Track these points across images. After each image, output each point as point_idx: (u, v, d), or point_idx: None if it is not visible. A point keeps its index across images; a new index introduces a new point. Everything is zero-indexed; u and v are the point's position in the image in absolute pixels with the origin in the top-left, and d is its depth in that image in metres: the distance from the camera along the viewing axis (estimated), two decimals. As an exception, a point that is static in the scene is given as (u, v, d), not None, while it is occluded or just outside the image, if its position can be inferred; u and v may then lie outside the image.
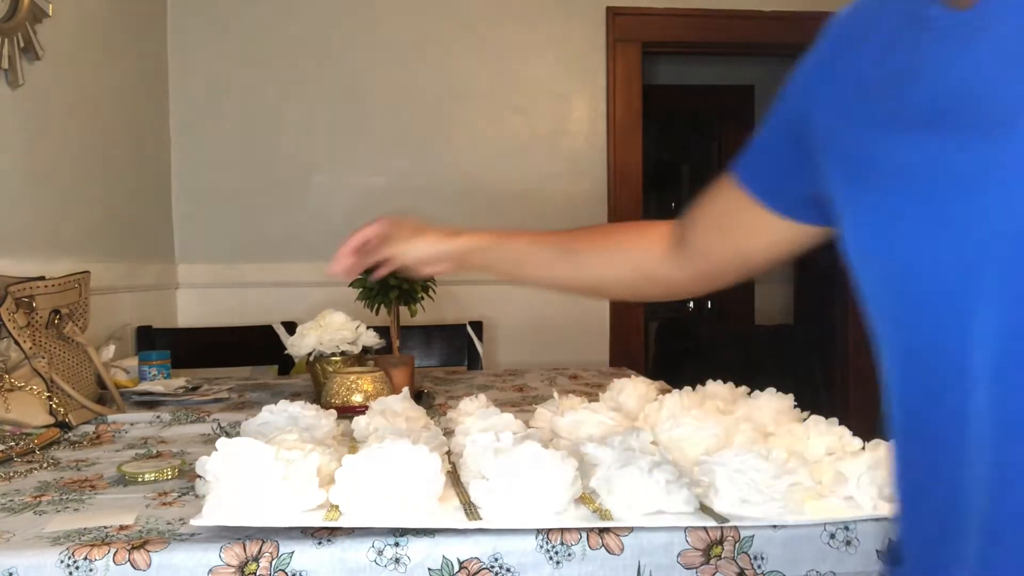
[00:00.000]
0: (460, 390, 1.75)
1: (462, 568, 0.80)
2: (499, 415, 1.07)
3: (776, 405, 1.12)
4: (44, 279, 1.49)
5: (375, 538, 0.80)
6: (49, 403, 1.37)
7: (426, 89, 2.85)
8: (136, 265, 2.45)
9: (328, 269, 1.05)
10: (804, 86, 0.69)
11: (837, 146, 0.62)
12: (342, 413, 1.24)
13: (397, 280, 1.58)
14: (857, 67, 0.62)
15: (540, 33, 2.88)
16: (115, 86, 2.35)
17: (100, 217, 2.24)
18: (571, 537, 0.81)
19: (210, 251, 2.80)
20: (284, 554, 0.79)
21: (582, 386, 1.81)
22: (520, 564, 0.81)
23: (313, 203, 2.83)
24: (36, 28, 1.83)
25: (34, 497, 0.98)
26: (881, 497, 0.85)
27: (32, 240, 1.89)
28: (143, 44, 2.61)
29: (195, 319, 2.76)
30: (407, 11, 2.85)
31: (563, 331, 2.86)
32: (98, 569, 0.76)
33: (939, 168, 0.51)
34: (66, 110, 2.05)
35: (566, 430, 1.09)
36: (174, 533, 0.82)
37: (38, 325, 1.44)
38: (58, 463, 1.16)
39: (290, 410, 1.13)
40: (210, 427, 1.40)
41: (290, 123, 2.81)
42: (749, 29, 2.98)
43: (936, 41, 0.53)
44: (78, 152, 2.12)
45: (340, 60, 2.82)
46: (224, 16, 2.78)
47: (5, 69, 1.74)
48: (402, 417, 1.15)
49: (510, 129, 2.88)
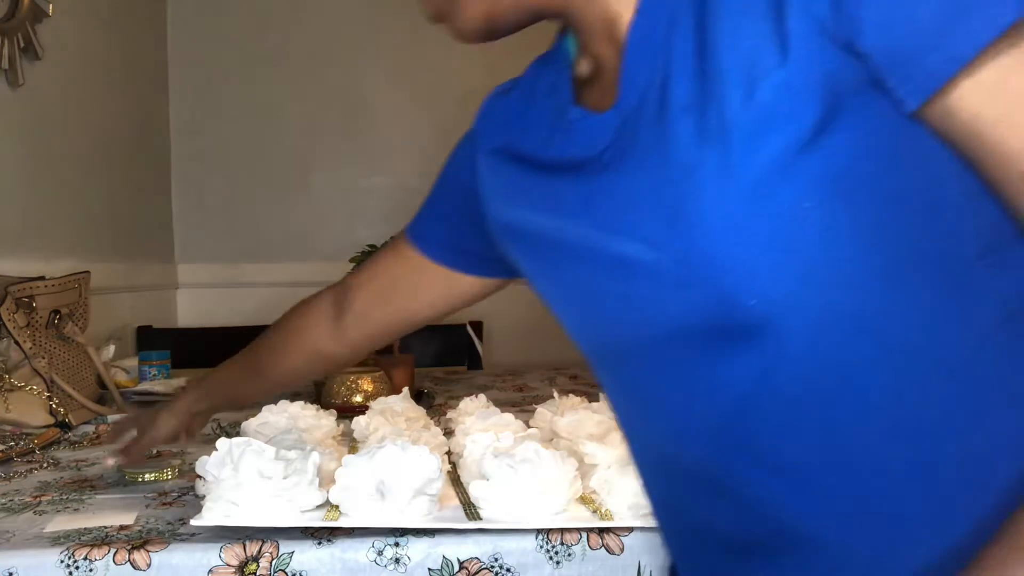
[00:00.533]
0: (460, 390, 1.75)
1: (462, 568, 0.80)
2: (499, 415, 1.07)
3: (776, 405, 1.12)
4: (44, 279, 1.49)
5: (375, 538, 0.80)
6: (49, 403, 1.37)
7: (426, 89, 2.85)
8: (136, 265, 2.45)
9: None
10: (461, 164, 0.79)
11: (503, 215, 0.68)
12: (342, 413, 1.24)
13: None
14: (514, 150, 0.67)
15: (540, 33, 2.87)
16: (115, 86, 2.35)
17: (100, 217, 2.24)
18: (571, 537, 0.81)
19: (210, 251, 2.80)
20: (284, 554, 0.79)
21: (582, 386, 1.81)
22: (520, 564, 0.81)
23: (313, 203, 2.83)
24: (36, 28, 1.83)
25: (34, 497, 0.98)
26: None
27: (32, 240, 1.88)
28: (143, 44, 2.61)
29: (195, 319, 2.76)
30: (407, 11, 2.85)
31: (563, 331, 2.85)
32: (98, 569, 0.76)
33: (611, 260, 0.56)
34: (66, 110, 2.05)
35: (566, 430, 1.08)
36: (174, 533, 0.82)
37: (38, 325, 1.44)
38: (58, 463, 1.16)
39: (290, 410, 1.13)
40: (210, 427, 1.40)
41: (290, 123, 2.81)
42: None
43: (602, 157, 0.56)
44: (78, 152, 2.12)
45: (340, 60, 2.82)
46: (224, 16, 2.78)
47: (5, 69, 1.74)
48: (402, 417, 1.15)
49: (510, 129, 2.88)
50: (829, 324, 0.47)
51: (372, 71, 2.83)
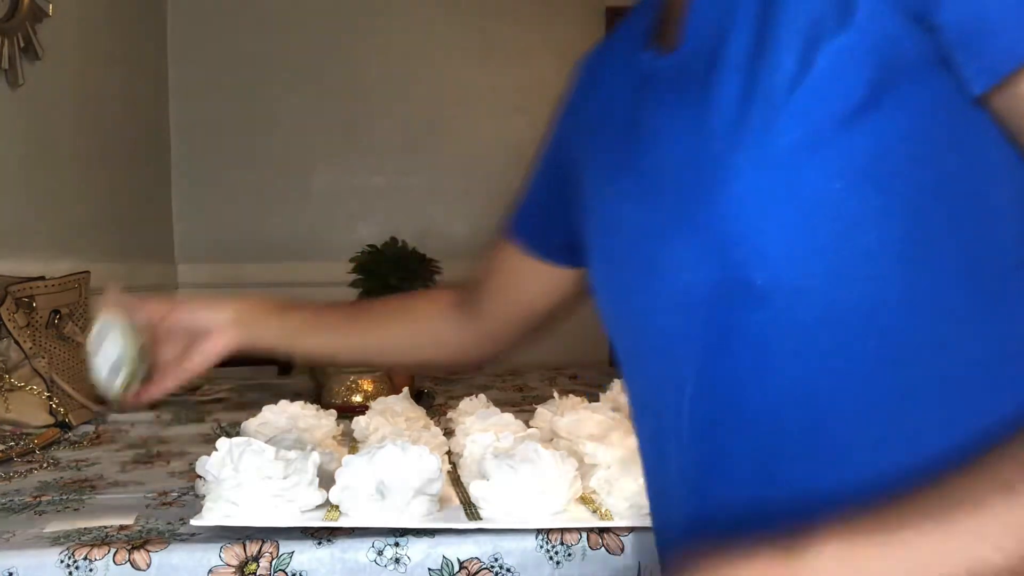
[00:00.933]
0: (460, 390, 1.75)
1: (462, 568, 0.80)
2: (499, 415, 1.07)
3: (776, 405, 1.12)
4: (44, 279, 1.49)
5: (375, 538, 0.80)
6: (49, 403, 1.37)
7: (426, 89, 2.85)
8: (136, 265, 2.45)
9: None
10: (559, 134, 0.74)
11: (581, 192, 0.65)
12: (342, 413, 1.24)
13: (397, 280, 1.59)
14: (591, 115, 0.65)
15: (540, 34, 2.88)
16: (115, 86, 2.35)
17: (100, 217, 2.24)
18: (571, 537, 0.81)
19: (210, 251, 2.80)
20: (284, 554, 0.79)
21: (582, 386, 1.81)
22: (520, 564, 0.81)
23: (313, 203, 2.83)
24: (36, 28, 1.83)
25: (34, 497, 0.98)
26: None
27: (32, 240, 1.88)
28: (143, 44, 2.60)
29: (195, 319, 2.75)
30: (407, 11, 2.85)
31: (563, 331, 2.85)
32: (98, 569, 0.76)
33: (642, 221, 0.54)
34: (66, 110, 2.05)
35: (566, 430, 1.08)
36: (174, 533, 0.82)
37: (38, 325, 1.44)
38: (58, 463, 1.16)
39: (290, 410, 1.12)
40: (210, 427, 1.40)
41: (290, 123, 2.81)
42: (749, 29, 2.98)
43: (650, 99, 0.55)
44: (78, 152, 2.12)
45: (340, 60, 2.82)
46: (224, 16, 2.78)
47: (5, 69, 1.74)
48: (402, 417, 1.15)
49: (510, 129, 2.88)
50: (835, 317, 0.45)
51: (372, 71, 2.83)
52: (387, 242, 1.67)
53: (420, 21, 2.85)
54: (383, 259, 1.61)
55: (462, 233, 2.86)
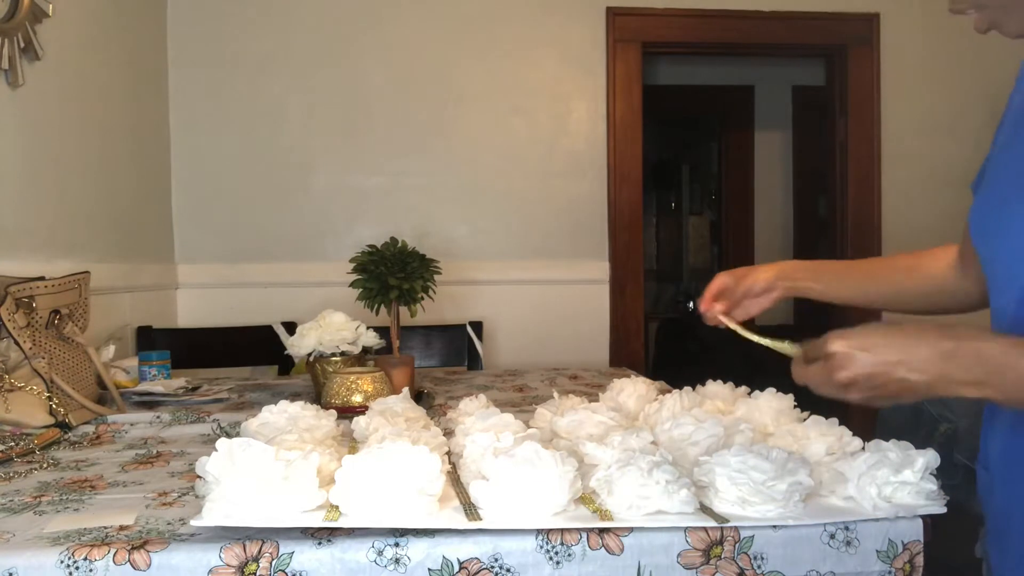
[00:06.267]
0: (460, 390, 1.75)
1: (462, 568, 0.80)
2: (499, 415, 1.07)
3: (776, 405, 1.12)
4: (44, 279, 1.49)
5: (375, 538, 0.80)
6: (49, 403, 1.37)
7: (426, 89, 2.85)
8: (136, 265, 2.45)
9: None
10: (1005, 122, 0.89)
11: None
12: (342, 413, 1.24)
13: (397, 280, 1.58)
14: None
15: (540, 33, 2.88)
16: (115, 86, 2.35)
17: (100, 217, 2.24)
18: (571, 537, 0.81)
19: (210, 251, 2.80)
20: (284, 554, 0.79)
21: (582, 386, 1.81)
22: (520, 564, 0.81)
23: (313, 203, 2.83)
24: (36, 28, 1.83)
25: (34, 497, 0.98)
26: (881, 497, 0.85)
27: (32, 240, 1.89)
28: (143, 44, 2.61)
29: (195, 319, 2.76)
30: (407, 11, 2.85)
31: (563, 331, 2.86)
32: (98, 569, 0.76)
33: None
34: (66, 110, 2.05)
35: (566, 430, 1.08)
36: (174, 533, 0.82)
37: (38, 325, 1.44)
38: (58, 463, 1.16)
39: (290, 410, 1.12)
40: (210, 427, 1.40)
41: (290, 123, 2.82)
42: (749, 29, 2.98)
43: None
44: (78, 152, 2.12)
45: (340, 60, 2.82)
46: (224, 16, 2.78)
47: (5, 69, 1.74)
48: (402, 417, 1.15)
49: (510, 129, 2.88)
50: None
51: (372, 71, 2.83)
52: (387, 242, 1.67)
53: (420, 21, 2.85)
54: (383, 259, 1.61)
55: (462, 233, 2.86)
